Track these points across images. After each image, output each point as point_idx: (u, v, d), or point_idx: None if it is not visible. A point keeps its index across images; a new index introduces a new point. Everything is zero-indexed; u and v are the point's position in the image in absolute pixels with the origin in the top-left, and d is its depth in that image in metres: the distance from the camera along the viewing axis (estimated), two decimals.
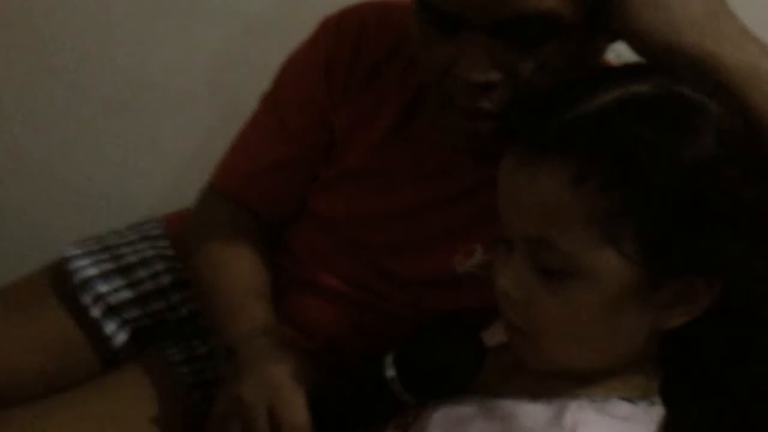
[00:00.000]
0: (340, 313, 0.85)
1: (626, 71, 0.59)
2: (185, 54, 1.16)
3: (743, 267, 0.55)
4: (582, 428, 0.55)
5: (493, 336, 0.69)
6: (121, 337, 0.92)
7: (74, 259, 0.93)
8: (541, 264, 0.56)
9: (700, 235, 0.53)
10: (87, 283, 0.91)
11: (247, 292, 0.83)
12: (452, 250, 0.80)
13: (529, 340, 0.59)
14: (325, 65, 0.81)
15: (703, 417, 0.59)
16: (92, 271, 0.92)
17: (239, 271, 0.85)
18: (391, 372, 0.61)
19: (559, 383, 0.59)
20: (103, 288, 0.91)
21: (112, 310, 0.92)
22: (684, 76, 0.57)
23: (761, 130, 0.58)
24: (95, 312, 0.91)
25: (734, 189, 0.54)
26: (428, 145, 0.79)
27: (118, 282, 0.93)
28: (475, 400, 0.61)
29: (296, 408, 0.66)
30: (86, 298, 0.91)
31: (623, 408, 0.57)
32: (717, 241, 0.54)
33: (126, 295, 0.93)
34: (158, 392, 0.85)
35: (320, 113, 0.83)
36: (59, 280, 0.93)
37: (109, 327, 0.91)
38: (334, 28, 0.82)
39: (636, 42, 0.61)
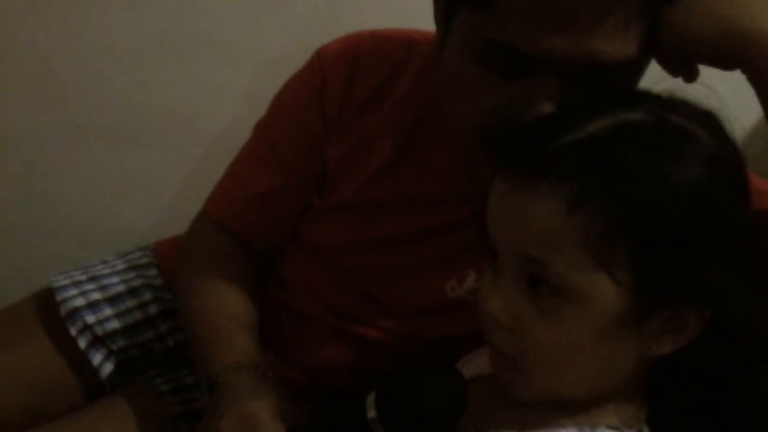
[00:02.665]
0: (327, 344, 0.85)
1: (618, 98, 0.59)
2: (179, 84, 1.17)
3: (732, 295, 0.55)
4: None
5: (471, 366, 0.69)
6: (107, 368, 0.91)
7: (62, 290, 0.93)
8: (532, 289, 0.56)
9: (690, 262, 0.53)
10: (74, 313, 0.91)
11: (233, 324, 0.82)
12: (445, 277, 0.80)
13: (517, 368, 0.59)
14: (320, 95, 0.82)
15: None
16: (79, 302, 0.92)
17: (226, 302, 0.85)
18: (372, 413, 0.60)
19: (547, 412, 0.59)
20: (90, 318, 0.91)
21: (98, 341, 0.91)
22: (675, 104, 0.57)
23: None
24: (82, 343, 0.90)
25: (723, 216, 0.54)
26: (423, 176, 0.79)
27: (106, 312, 0.92)
28: None
29: None
30: (73, 329, 0.90)
31: None
32: (706, 269, 0.54)
33: (113, 325, 0.92)
34: (145, 423, 0.84)
35: (313, 143, 0.83)
36: (46, 310, 0.93)
37: (96, 358, 0.91)
38: (329, 58, 0.83)
39: (691, 47, 0.61)
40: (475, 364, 0.69)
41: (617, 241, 0.53)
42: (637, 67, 0.64)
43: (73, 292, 0.93)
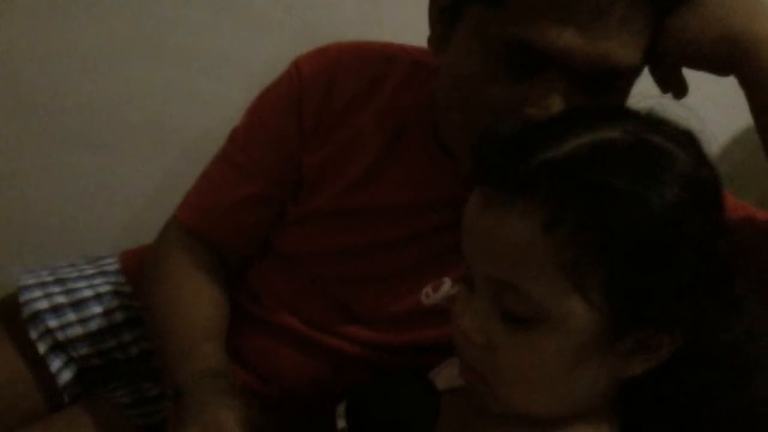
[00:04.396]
0: (300, 354, 0.84)
1: (597, 114, 0.59)
2: (152, 90, 1.16)
3: (705, 318, 0.55)
4: None
5: (442, 378, 0.68)
6: (65, 376, 0.90)
7: (26, 291, 0.91)
8: (505, 308, 0.55)
9: (664, 285, 0.53)
10: (36, 316, 0.90)
11: (201, 331, 0.81)
12: (420, 284, 0.79)
13: (487, 385, 0.58)
14: (297, 105, 0.82)
15: None
16: (42, 305, 0.90)
17: (195, 310, 0.84)
18: (342, 423, 0.60)
19: (518, 429, 0.58)
20: (52, 323, 0.89)
21: (59, 347, 0.90)
22: (655, 123, 0.57)
23: None
24: (41, 347, 0.88)
25: (698, 240, 0.54)
26: (401, 185, 0.79)
27: (69, 317, 0.91)
28: None
29: None
30: (33, 333, 0.89)
31: None
32: (680, 292, 0.53)
33: (76, 331, 0.91)
34: None
35: (289, 152, 0.83)
36: (11, 311, 0.91)
37: (55, 364, 0.89)
38: (307, 68, 0.83)
39: (687, 52, 0.63)
40: (445, 376, 0.68)
41: (593, 263, 0.52)
42: (636, 77, 0.66)
43: (38, 293, 0.91)
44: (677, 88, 0.67)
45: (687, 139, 0.57)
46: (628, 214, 0.52)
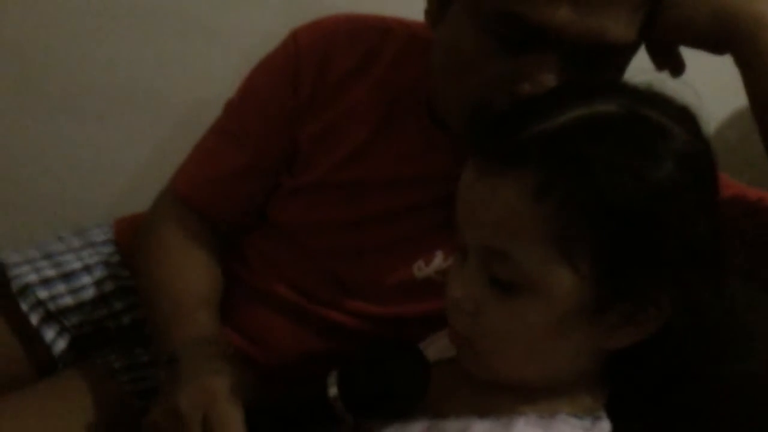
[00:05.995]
0: (293, 324, 0.84)
1: (593, 88, 0.59)
2: (146, 59, 1.15)
3: (693, 292, 0.55)
4: None
5: (433, 349, 0.69)
6: (60, 345, 0.90)
7: (14, 266, 0.91)
8: (494, 276, 0.56)
9: (653, 258, 0.54)
10: (26, 289, 0.90)
11: (194, 299, 0.82)
12: (412, 257, 0.80)
13: (475, 351, 0.59)
14: (293, 77, 0.82)
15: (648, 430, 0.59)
16: (32, 278, 0.90)
17: (188, 276, 0.84)
18: (333, 391, 0.60)
19: (506, 398, 0.59)
20: (42, 294, 0.90)
21: (51, 317, 0.90)
22: (651, 97, 0.57)
23: None
24: (34, 319, 0.89)
25: (689, 215, 0.54)
26: (395, 158, 0.79)
27: (59, 288, 0.91)
28: (421, 421, 0.60)
29: (232, 422, 0.64)
30: (24, 305, 0.89)
31: (570, 423, 0.57)
32: (669, 266, 0.54)
33: (67, 301, 0.91)
34: (97, 400, 0.83)
35: (284, 123, 0.83)
36: (1, 287, 0.91)
37: (48, 334, 0.90)
38: (303, 40, 0.83)
39: (683, 30, 0.63)
40: (436, 347, 0.69)
41: (581, 233, 0.53)
42: (632, 54, 0.65)
43: (26, 268, 0.92)
44: (674, 66, 0.67)
45: (683, 115, 0.57)
46: (619, 186, 0.52)
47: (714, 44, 0.64)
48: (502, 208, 0.54)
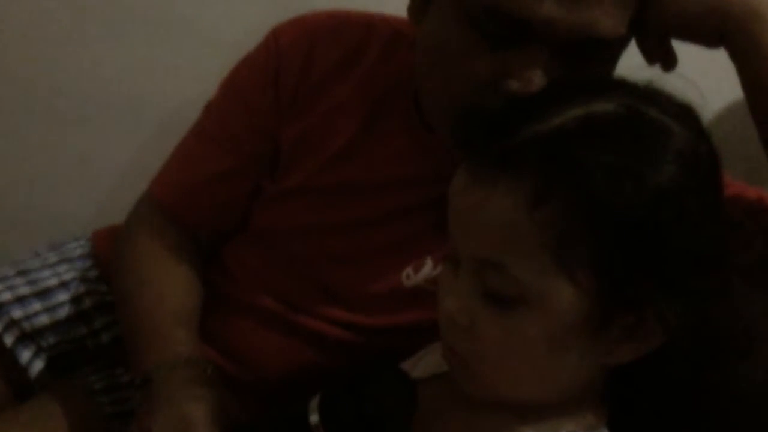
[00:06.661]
0: (276, 336, 0.82)
1: (590, 86, 0.57)
2: (123, 62, 1.12)
3: (695, 303, 0.53)
4: None
5: (424, 364, 0.67)
6: (37, 366, 0.87)
7: None
8: (489, 289, 0.54)
9: (656, 267, 0.51)
10: (0, 308, 0.87)
11: (173, 317, 0.79)
12: (401, 265, 0.78)
13: (469, 368, 0.57)
14: (274, 76, 0.80)
15: None
16: (5, 296, 0.88)
17: (167, 293, 0.82)
18: (314, 418, 0.58)
19: (504, 417, 0.57)
20: (17, 313, 0.87)
21: (27, 337, 0.87)
22: (651, 95, 0.55)
23: None
24: (8, 340, 0.86)
25: (695, 220, 0.52)
26: (382, 160, 0.78)
27: (35, 306, 0.89)
28: None
29: None
30: None
31: None
32: (673, 274, 0.52)
33: (43, 320, 0.88)
34: (76, 423, 0.81)
35: (265, 126, 0.82)
36: None
37: (24, 355, 0.87)
38: (284, 38, 0.81)
39: (675, 23, 0.63)
40: (428, 362, 0.67)
41: (580, 242, 0.50)
42: (622, 48, 0.64)
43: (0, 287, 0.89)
44: (666, 60, 0.66)
45: (685, 113, 0.55)
46: (618, 191, 0.50)
47: (707, 38, 0.63)
48: (495, 217, 0.52)
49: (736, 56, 0.62)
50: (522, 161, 0.51)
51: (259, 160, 0.83)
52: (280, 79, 0.80)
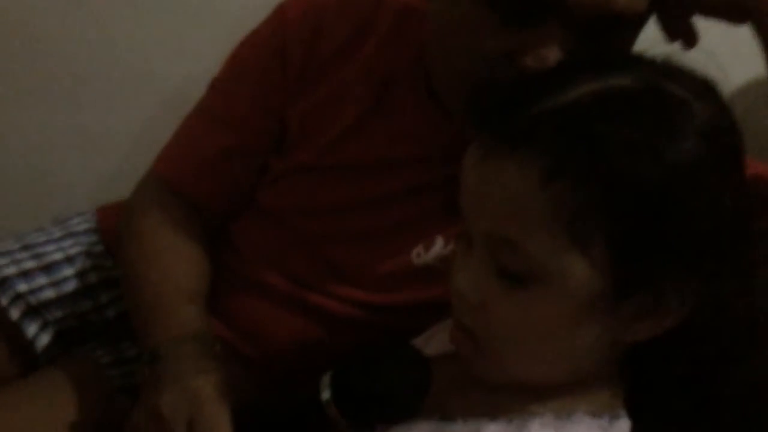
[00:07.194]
0: (285, 314, 0.82)
1: (607, 61, 0.56)
2: (128, 38, 1.12)
3: (715, 284, 0.52)
4: None
5: (435, 342, 0.66)
6: (43, 340, 0.87)
7: None
8: (502, 265, 0.53)
9: (673, 244, 0.50)
10: (5, 282, 0.87)
11: (180, 292, 0.79)
12: (411, 243, 0.77)
13: (480, 347, 0.56)
14: (281, 52, 0.79)
15: (670, 430, 0.57)
16: (10, 270, 0.88)
17: (174, 268, 0.81)
18: (326, 394, 0.58)
19: (517, 397, 0.56)
20: (22, 287, 0.87)
21: (33, 311, 0.87)
22: (671, 70, 0.54)
23: None
24: (14, 313, 0.86)
25: (714, 197, 0.51)
26: (391, 137, 0.77)
27: (40, 281, 0.88)
28: (427, 423, 0.57)
29: (219, 424, 0.62)
30: (3, 299, 0.86)
31: (586, 423, 0.54)
32: (690, 253, 0.51)
33: (48, 294, 0.88)
34: (83, 396, 0.81)
35: (272, 102, 0.81)
36: None
37: (30, 329, 0.87)
38: (291, 14, 0.80)
39: (703, 1, 0.61)
40: (439, 340, 0.66)
41: (594, 218, 0.49)
42: (641, 25, 0.62)
43: (4, 260, 0.89)
44: (686, 38, 0.64)
45: (705, 89, 0.54)
46: (634, 166, 0.49)
47: (732, 14, 0.61)
48: (508, 192, 0.51)
49: (762, 34, 0.61)
50: (536, 134, 0.50)
51: (266, 137, 0.82)
52: (287, 55, 0.79)
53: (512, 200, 0.51)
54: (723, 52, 0.67)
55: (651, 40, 0.62)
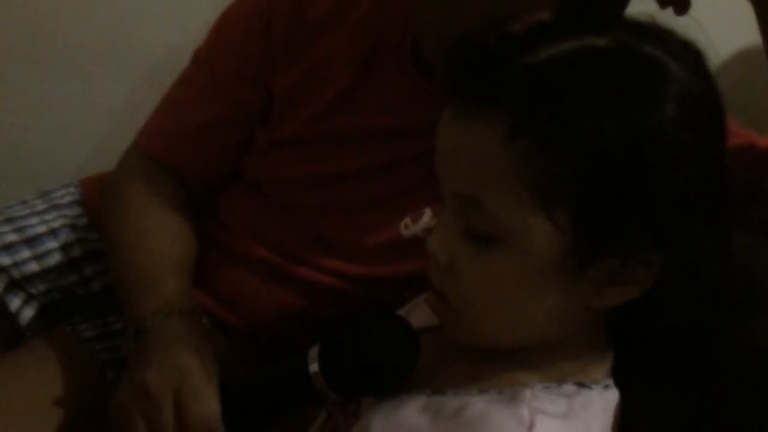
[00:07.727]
0: (272, 286, 0.82)
1: (586, 22, 0.55)
2: (111, 8, 1.10)
3: (691, 246, 0.51)
4: (540, 418, 0.51)
5: (418, 314, 0.66)
6: (27, 313, 0.86)
7: None
8: (468, 225, 0.53)
9: (640, 208, 0.49)
10: None
11: (165, 266, 0.78)
12: (399, 215, 0.77)
13: (452, 309, 0.56)
14: (266, 21, 0.78)
15: (658, 398, 0.57)
16: None
17: (159, 241, 0.80)
18: (314, 366, 0.57)
19: (506, 367, 0.56)
20: (5, 260, 0.86)
21: (16, 285, 0.86)
22: (650, 31, 0.53)
23: None
24: None
25: (685, 161, 0.50)
26: (379, 108, 0.77)
27: (23, 254, 0.87)
28: (417, 397, 0.56)
29: (206, 398, 0.61)
30: None
31: (578, 393, 0.54)
32: (659, 216, 0.50)
33: (32, 267, 0.87)
34: (68, 370, 0.80)
35: (257, 73, 0.80)
36: None
37: (14, 303, 0.86)
38: None
39: None
40: (420, 312, 0.66)
41: (557, 179, 0.49)
42: None
43: None
44: (678, 4, 0.63)
45: (684, 51, 0.53)
46: (602, 126, 0.48)
47: None
48: (474, 151, 0.51)
49: (756, 1, 0.60)
50: (503, 93, 0.50)
51: (251, 108, 0.82)
52: (271, 25, 0.78)
53: (478, 159, 0.51)
54: (716, 19, 0.66)
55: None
